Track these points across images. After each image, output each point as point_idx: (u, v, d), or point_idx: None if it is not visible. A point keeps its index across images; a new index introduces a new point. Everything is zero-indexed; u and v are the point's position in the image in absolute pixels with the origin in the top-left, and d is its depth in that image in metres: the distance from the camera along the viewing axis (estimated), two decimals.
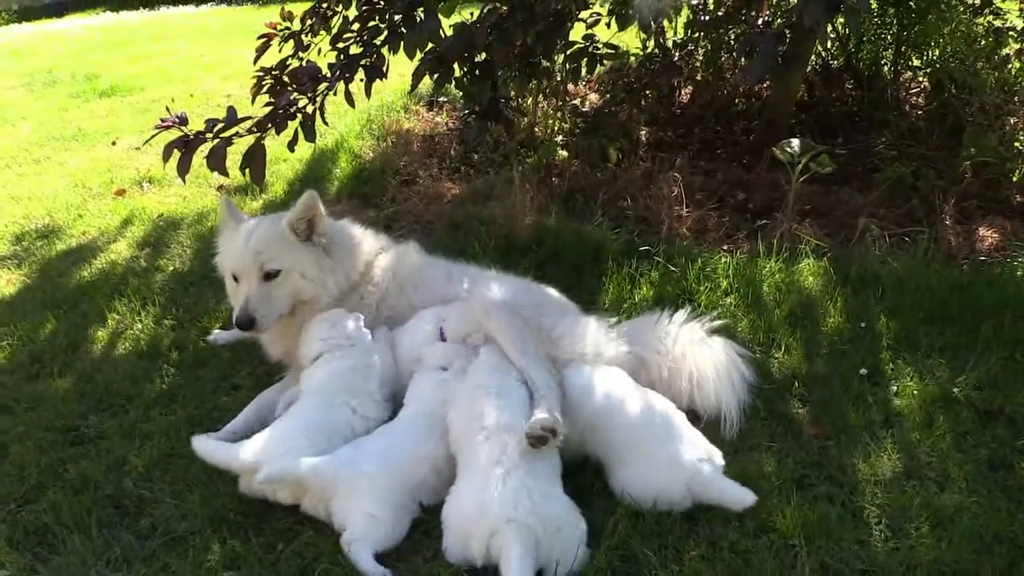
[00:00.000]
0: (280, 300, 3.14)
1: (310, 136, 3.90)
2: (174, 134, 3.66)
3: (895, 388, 3.13)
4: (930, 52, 5.64)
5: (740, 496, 2.49)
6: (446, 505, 2.47)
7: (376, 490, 2.49)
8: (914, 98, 5.92)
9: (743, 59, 5.62)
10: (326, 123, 4.10)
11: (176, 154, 3.63)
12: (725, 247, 4.27)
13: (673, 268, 3.91)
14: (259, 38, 4.46)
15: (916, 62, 5.86)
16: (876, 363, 3.27)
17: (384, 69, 3.99)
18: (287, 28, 4.52)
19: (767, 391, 3.12)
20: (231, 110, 3.70)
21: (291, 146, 3.96)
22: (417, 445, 2.66)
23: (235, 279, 3.18)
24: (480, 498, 2.36)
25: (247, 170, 3.73)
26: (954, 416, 2.97)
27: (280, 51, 4.42)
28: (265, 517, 2.58)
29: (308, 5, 4.55)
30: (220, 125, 3.65)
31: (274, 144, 4.15)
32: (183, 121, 3.62)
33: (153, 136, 3.67)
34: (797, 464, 2.76)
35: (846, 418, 2.98)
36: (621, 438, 2.63)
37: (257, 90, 4.20)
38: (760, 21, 4.76)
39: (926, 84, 5.83)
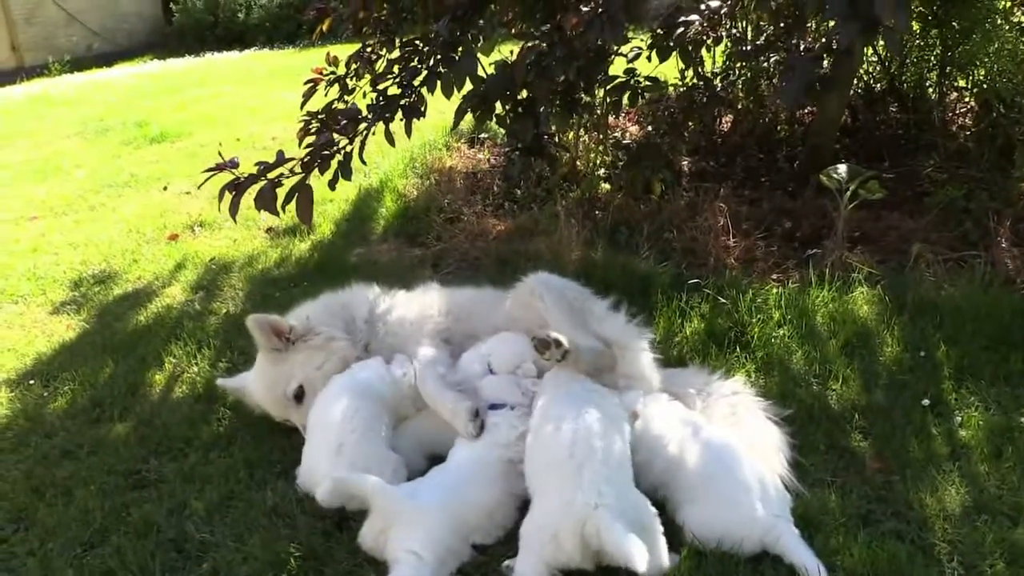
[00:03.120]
0: None
1: (346, 174, 3.95)
2: (225, 177, 3.74)
3: (959, 419, 3.05)
4: (976, 72, 5.55)
5: (811, 565, 2.38)
6: (525, 521, 2.50)
7: (432, 528, 2.50)
8: (961, 119, 5.83)
9: (783, 84, 5.61)
10: (363, 162, 4.16)
11: (228, 196, 3.71)
12: (775, 277, 4.23)
13: (723, 300, 3.87)
14: (306, 83, 4.57)
15: (962, 82, 5.78)
16: (938, 393, 3.19)
17: (422, 109, 4.05)
18: (332, 72, 4.63)
19: (826, 424, 3.07)
20: (279, 152, 3.78)
21: (332, 184, 4.02)
22: (473, 487, 2.68)
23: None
24: (562, 494, 2.41)
25: (291, 207, 3.79)
26: (1023, 447, 2.88)
27: (326, 95, 4.52)
28: (326, 559, 2.59)
29: (349, 49, 4.65)
30: (269, 167, 3.73)
31: (321, 185, 4.21)
32: (234, 165, 3.70)
33: (206, 180, 3.76)
34: (861, 499, 2.70)
35: (910, 451, 2.91)
36: (695, 481, 2.59)
37: (304, 134, 4.29)
38: (802, 47, 4.74)
39: (973, 104, 5.74)
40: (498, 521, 2.63)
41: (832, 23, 4.74)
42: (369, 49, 4.57)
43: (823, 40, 5.48)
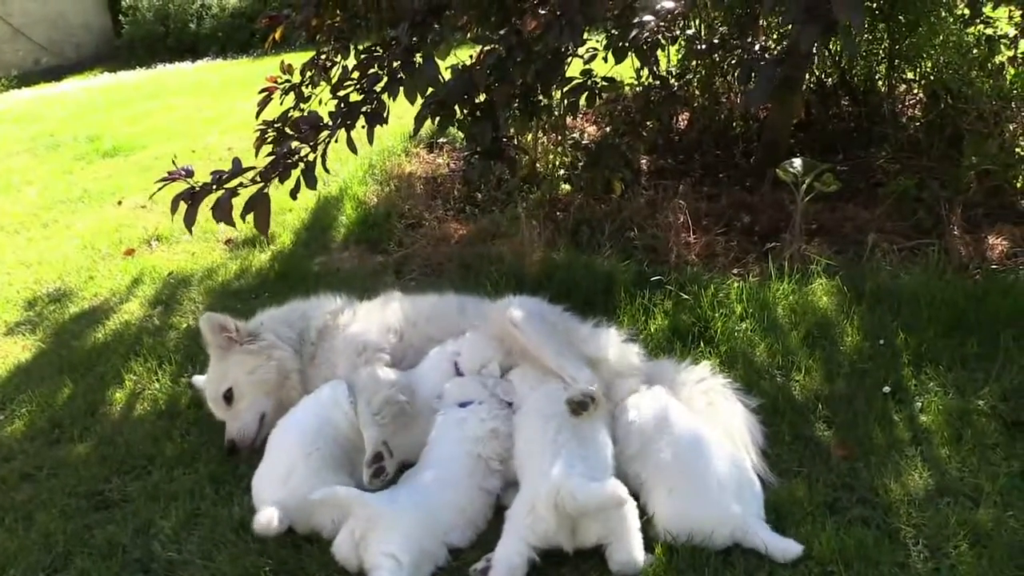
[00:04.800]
0: (247, 410, 3.23)
1: (311, 183, 3.91)
2: (180, 187, 3.67)
3: (920, 404, 3.11)
4: (923, 64, 5.68)
5: (784, 548, 2.43)
6: (510, 509, 2.58)
7: (408, 530, 2.52)
8: (910, 110, 5.95)
9: (741, 84, 5.68)
10: (327, 170, 4.13)
11: (183, 207, 3.65)
12: (735, 271, 4.27)
13: (686, 296, 3.90)
14: (261, 92, 4.51)
15: (910, 75, 5.90)
16: (898, 380, 3.25)
17: (384, 115, 4.03)
18: (287, 81, 4.58)
19: (791, 415, 3.11)
20: (236, 161, 3.72)
21: (293, 194, 3.97)
22: (445, 485, 2.71)
23: None
24: (541, 470, 2.53)
25: (250, 218, 3.74)
26: (982, 429, 2.95)
27: (282, 104, 4.47)
28: (297, 572, 2.57)
29: (304, 57, 4.61)
30: (225, 176, 3.67)
31: (279, 195, 4.17)
32: (189, 174, 3.64)
33: (158, 190, 3.68)
34: (828, 488, 2.74)
35: (873, 438, 2.97)
36: (669, 472, 2.63)
37: (260, 143, 4.24)
38: (757, 46, 4.80)
39: (921, 96, 5.86)
40: (470, 517, 2.67)
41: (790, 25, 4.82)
42: (324, 56, 4.53)
43: (777, 39, 5.57)
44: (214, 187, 3.64)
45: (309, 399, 3.14)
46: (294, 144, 3.86)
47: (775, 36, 5.63)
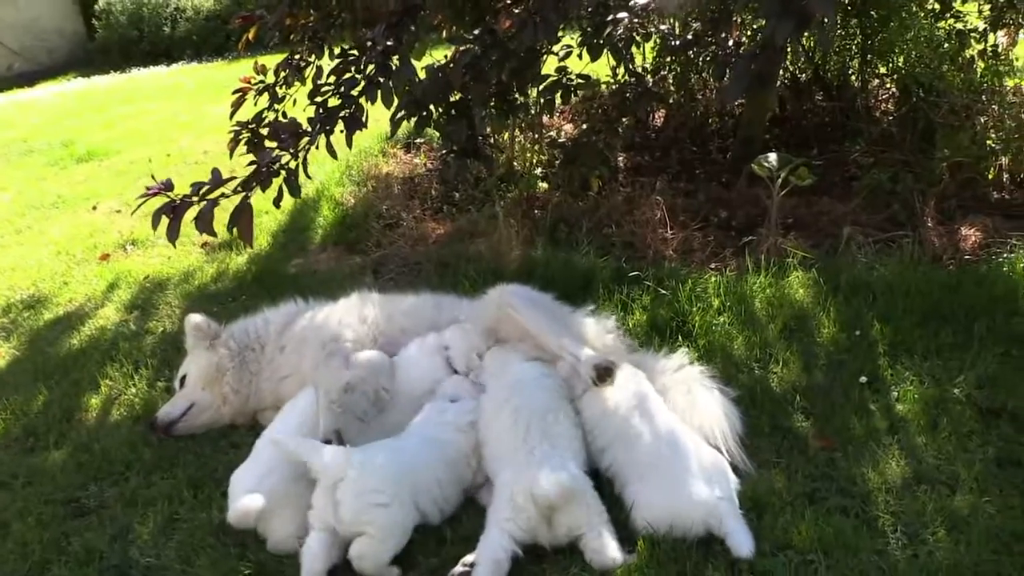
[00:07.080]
0: (182, 396, 3.43)
1: (294, 192, 3.90)
2: (161, 201, 3.64)
3: (896, 393, 3.14)
4: (895, 59, 5.73)
5: (739, 544, 2.42)
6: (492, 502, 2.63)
7: (385, 483, 2.56)
8: (884, 104, 6.01)
9: (716, 80, 5.72)
10: (309, 177, 4.11)
11: (165, 220, 3.62)
12: (713, 266, 4.29)
13: (664, 291, 3.91)
14: (234, 92, 4.48)
15: (882, 69, 5.96)
16: (875, 370, 3.28)
17: (363, 119, 4.01)
18: (261, 81, 4.55)
19: (769, 407, 3.12)
20: (215, 172, 3.69)
21: (276, 202, 3.95)
22: (426, 454, 2.76)
23: None
24: (515, 466, 2.61)
25: (235, 229, 3.72)
26: (957, 417, 2.98)
27: (256, 104, 4.44)
28: None
29: (279, 58, 4.58)
30: (206, 188, 3.64)
31: (257, 197, 4.14)
32: (168, 187, 3.61)
33: (139, 207, 3.66)
34: (806, 478, 2.76)
35: (851, 427, 2.99)
36: (644, 459, 2.66)
37: (234, 145, 4.22)
38: (730, 42, 4.83)
39: (894, 90, 5.92)
40: (447, 493, 2.72)
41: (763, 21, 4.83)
42: (297, 56, 4.50)
43: (751, 36, 5.60)
44: (195, 199, 3.61)
45: (288, 407, 3.13)
46: (275, 152, 3.84)
47: (749, 33, 5.66)
